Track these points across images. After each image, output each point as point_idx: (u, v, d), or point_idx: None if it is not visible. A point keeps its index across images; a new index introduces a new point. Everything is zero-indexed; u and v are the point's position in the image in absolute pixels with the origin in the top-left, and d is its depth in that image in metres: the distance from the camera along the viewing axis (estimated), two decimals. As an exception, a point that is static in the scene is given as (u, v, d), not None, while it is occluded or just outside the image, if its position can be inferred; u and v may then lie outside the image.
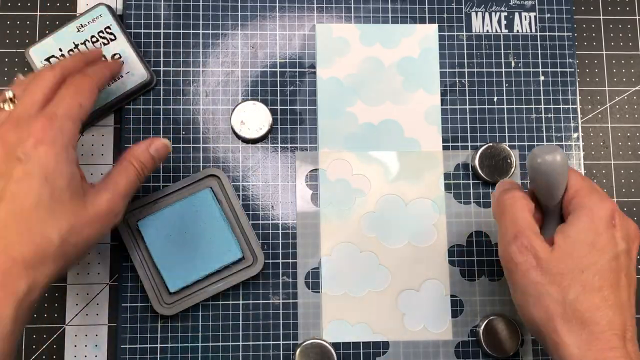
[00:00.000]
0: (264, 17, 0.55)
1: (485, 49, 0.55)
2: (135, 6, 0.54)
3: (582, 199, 0.40)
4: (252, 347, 0.50)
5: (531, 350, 0.51)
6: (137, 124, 0.53)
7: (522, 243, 0.40)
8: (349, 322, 0.51)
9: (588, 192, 0.40)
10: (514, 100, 0.55)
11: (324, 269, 0.52)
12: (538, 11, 0.56)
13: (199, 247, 0.49)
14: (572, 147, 0.55)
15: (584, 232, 0.39)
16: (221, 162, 0.53)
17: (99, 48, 0.49)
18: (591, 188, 0.41)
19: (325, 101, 0.54)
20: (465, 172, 0.54)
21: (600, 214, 0.39)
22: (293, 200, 0.53)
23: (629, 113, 0.56)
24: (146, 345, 0.50)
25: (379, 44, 0.55)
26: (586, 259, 0.38)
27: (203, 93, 0.53)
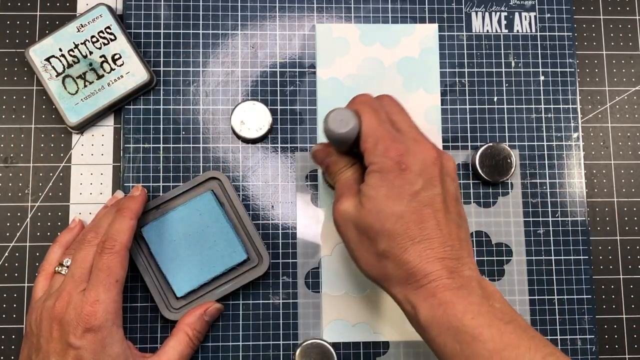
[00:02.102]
0: (264, 17, 0.55)
1: (485, 49, 0.55)
2: (135, 6, 0.54)
3: (369, 155, 0.41)
4: (252, 347, 0.50)
5: (531, 350, 0.51)
6: (137, 124, 0.53)
7: (339, 207, 0.43)
8: (349, 322, 0.51)
9: (372, 145, 0.41)
10: (514, 100, 0.55)
11: (324, 269, 0.52)
12: (538, 11, 0.56)
13: (204, 250, 0.49)
14: (572, 147, 0.55)
15: (377, 188, 0.40)
16: (221, 162, 0.53)
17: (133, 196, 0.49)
18: (375, 138, 0.41)
19: (325, 101, 0.54)
20: (465, 172, 0.54)
21: (386, 165, 0.40)
22: (293, 200, 0.53)
23: (629, 113, 0.56)
24: (146, 345, 0.50)
25: (379, 44, 0.55)
26: (385, 211, 0.40)
27: (203, 93, 0.53)
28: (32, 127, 0.53)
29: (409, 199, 0.40)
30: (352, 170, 0.44)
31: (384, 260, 0.40)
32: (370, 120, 0.42)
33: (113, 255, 0.44)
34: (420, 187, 0.40)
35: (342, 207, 0.42)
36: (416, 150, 0.41)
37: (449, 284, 0.39)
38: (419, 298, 0.39)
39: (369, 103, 0.43)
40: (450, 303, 0.38)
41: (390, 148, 0.41)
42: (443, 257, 0.39)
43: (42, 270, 0.48)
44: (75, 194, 0.52)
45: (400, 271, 0.40)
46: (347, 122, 0.42)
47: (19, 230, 0.51)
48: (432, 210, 0.40)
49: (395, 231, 0.40)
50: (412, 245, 0.39)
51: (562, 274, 0.53)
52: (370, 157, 0.41)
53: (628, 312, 0.53)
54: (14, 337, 0.50)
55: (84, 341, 0.42)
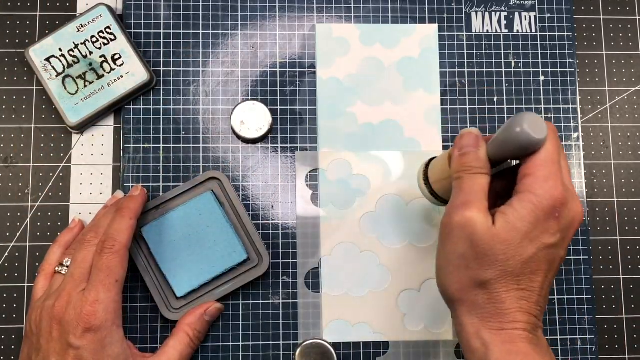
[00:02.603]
0: (264, 17, 0.55)
1: (485, 49, 0.55)
2: (135, 6, 0.54)
3: (533, 182, 0.39)
4: (252, 347, 0.50)
5: (531, 350, 0.51)
6: (137, 124, 0.53)
7: (466, 213, 0.39)
8: (349, 322, 0.51)
9: (544, 177, 0.39)
10: (514, 100, 0.55)
11: (324, 269, 0.52)
12: (538, 11, 0.56)
13: (204, 250, 0.49)
14: (572, 147, 0.55)
15: (522, 221, 0.38)
16: (221, 162, 0.53)
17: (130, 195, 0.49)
18: (549, 171, 0.39)
19: (325, 101, 0.54)
20: (465, 172, 0.54)
21: (545, 203, 0.38)
22: (293, 200, 0.53)
23: (629, 113, 0.56)
24: (146, 345, 0.50)
25: (379, 44, 0.55)
26: (516, 248, 0.38)
27: (203, 93, 0.53)
28: (32, 127, 0.53)
29: (542, 248, 0.38)
30: (486, 179, 0.40)
31: (479, 289, 0.39)
32: (554, 149, 0.39)
33: (113, 255, 0.44)
34: (556, 243, 0.39)
35: (470, 214, 0.39)
36: (572, 207, 0.39)
37: (528, 337, 0.38)
38: (495, 339, 0.38)
39: (556, 133, 0.40)
40: (528, 355, 0.38)
41: (557, 189, 0.38)
42: (532, 314, 0.39)
43: (42, 270, 0.48)
44: (75, 194, 0.52)
45: (490, 306, 0.39)
46: (542, 131, 0.38)
47: (19, 230, 0.51)
48: (548, 268, 0.39)
49: (513, 271, 0.38)
50: (516, 290, 0.39)
51: (562, 274, 0.53)
52: (532, 185, 0.39)
53: (628, 312, 0.53)
54: (14, 337, 0.50)
55: (84, 341, 0.42)
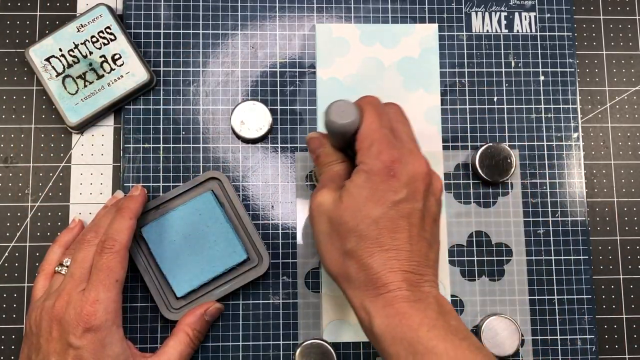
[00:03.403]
0: (264, 17, 0.55)
1: (485, 49, 0.55)
2: (135, 6, 0.54)
3: (362, 153, 0.41)
4: (252, 347, 0.50)
5: (531, 350, 0.51)
6: (137, 124, 0.53)
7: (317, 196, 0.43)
8: (349, 322, 0.51)
9: (368, 145, 0.41)
10: (514, 100, 0.55)
11: (323, 269, 0.52)
12: (538, 11, 0.56)
13: (204, 250, 0.49)
14: (572, 147, 0.55)
15: (360, 187, 0.40)
16: (221, 162, 0.53)
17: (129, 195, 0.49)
18: (372, 139, 0.41)
19: (325, 101, 0.54)
20: (465, 172, 0.54)
21: (375, 168, 0.40)
22: (293, 200, 0.53)
23: (629, 113, 0.56)
24: (146, 345, 0.50)
25: (379, 44, 0.55)
26: (362, 211, 0.40)
27: (203, 93, 0.53)
28: (32, 127, 0.53)
29: (389, 206, 0.40)
30: (341, 166, 0.44)
31: (349, 260, 0.40)
32: (371, 120, 0.42)
33: (113, 255, 0.44)
34: (403, 198, 0.40)
35: (321, 197, 0.42)
36: (409, 161, 0.41)
37: (407, 295, 0.39)
38: (375, 306, 0.39)
39: (374, 104, 0.43)
40: (406, 314, 0.38)
41: (384, 152, 0.41)
42: (406, 270, 0.39)
43: (42, 270, 0.48)
44: (75, 194, 0.52)
45: (361, 274, 0.40)
46: (348, 115, 0.41)
47: (19, 230, 0.51)
48: (407, 222, 0.40)
49: (367, 234, 0.40)
50: (379, 251, 0.39)
51: (562, 274, 0.53)
52: (362, 157, 0.41)
53: (628, 312, 0.53)
54: (14, 337, 0.50)
55: (84, 341, 0.42)
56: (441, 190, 0.43)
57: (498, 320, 0.51)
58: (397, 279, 0.39)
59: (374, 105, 0.43)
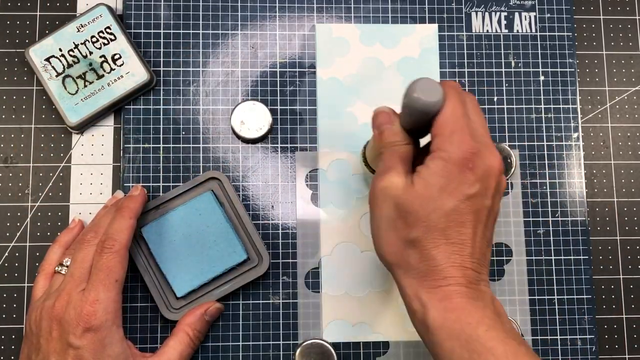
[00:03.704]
0: (264, 17, 0.55)
1: (485, 49, 0.55)
2: (135, 6, 0.54)
3: (441, 140, 0.40)
4: (252, 347, 0.50)
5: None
6: (137, 124, 0.53)
7: (385, 178, 0.40)
8: (349, 322, 0.51)
9: (449, 132, 0.39)
10: (514, 100, 0.55)
11: (324, 269, 0.52)
12: (538, 11, 0.56)
13: (204, 250, 0.49)
14: (572, 147, 0.55)
15: (436, 176, 0.39)
16: (221, 162, 0.53)
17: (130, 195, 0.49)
18: (454, 126, 0.39)
19: (325, 101, 0.54)
20: (465, 172, 0.54)
21: (455, 157, 0.39)
22: (293, 200, 0.53)
23: (629, 113, 0.56)
24: (146, 345, 0.50)
25: (379, 44, 0.55)
26: (435, 201, 0.39)
27: (203, 93, 0.53)
28: (32, 127, 0.53)
29: (461, 199, 0.39)
30: (407, 148, 0.42)
31: (411, 248, 0.39)
32: (455, 106, 0.40)
33: (113, 255, 0.44)
34: (476, 192, 0.39)
35: (390, 179, 0.40)
36: (486, 156, 0.40)
37: (466, 292, 0.38)
38: (432, 298, 0.38)
39: (458, 90, 0.41)
40: (465, 310, 0.37)
41: (465, 142, 0.39)
42: (467, 267, 0.39)
43: (42, 270, 0.48)
44: (75, 194, 0.52)
45: (422, 264, 0.39)
46: (434, 94, 0.39)
47: (19, 230, 0.51)
48: (475, 218, 0.39)
49: (437, 225, 0.38)
50: (445, 244, 0.39)
51: (562, 274, 0.53)
52: (441, 143, 0.39)
53: (628, 312, 0.53)
54: (14, 337, 0.50)
55: (84, 341, 0.42)
56: (504, 190, 0.42)
57: (498, 320, 0.51)
58: (457, 274, 0.38)
59: (458, 90, 0.41)
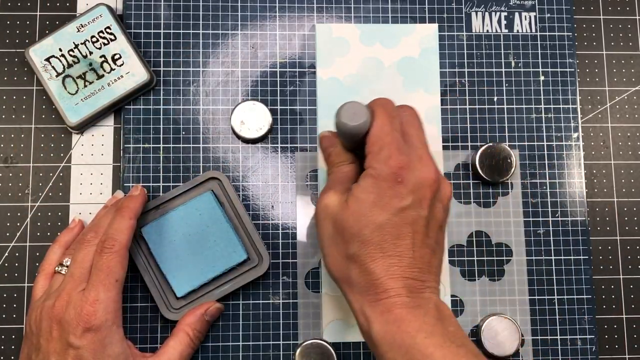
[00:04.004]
0: (264, 17, 0.55)
1: (485, 49, 0.55)
2: (135, 6, 0.54)
3: (371, 157, 0.41)
4: (252, 347, 0.50)
5: (531, 350, 0.51)
6: (137, 124, 0.53)
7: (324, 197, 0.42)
8: (349, 322, 0.51)
9: (378, 149, 0.41)
10: (514, 100, 0.55)
11: (324, 269, 0.52)
12: (538, 11, 0.56)
13: (204, 250, 0.49)
14: (572, 147, 0.55)
15: (367, 193, 0.40)
16: (221, 162, 0.53)
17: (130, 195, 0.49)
18: (382, 143, 0.41)
19: (325, 101, 0.54)
20: (465, 172, 0.54)
21: (383, 173, 0.40)
22: (293, 200, 0.53)
23: (629, 113, 0.56)
24: (146, 345, 0.50)
25: (379, 43, 0.55)
26: (367, 217, 0.40)
27: (203, 93, 0.53)
28: (32, 127, 0.53)
29: (394, 213, 0.40)
30: (350, 167, 0.44)
31: (351, 264, 0.40)
32: (382, 123, 0.42)
33: (113, 255, 0.44)
34: (408, 205, 0.40)
35: (327, 200, 0.42)
36: (417, 168, 0.41)
37: (406, 302, 0.39)
38: (375, 311, 0.39)
39: (386, 107, 0.43)
40: (405, 320, 0.38)
41: (393, 157, 0.40)
42: (407, 277, 0.39)
43: (42, 270, 0.48)
44: (75, 194, 0.52)
45: (362, 279, 0.40)
46: (359, 117, 0.41)
47: (19, 230, 0.51)
48: (411, 229, 0.40)
49: (371, 239, 0.39)
50: (382, 257, 0.39)
51: (562, 274, 0.53)
52: (370, 161, 0.41)
53: (628, 312, 0.53)
54: (14, 337, 0.50)
55: (84, 341, 0.42)
56: (449, 197, 0.43)
57: (498, 320, 0.51)
58: (397, 285, 0.39)
59: (386, 107, 0.43)
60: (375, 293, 0.39)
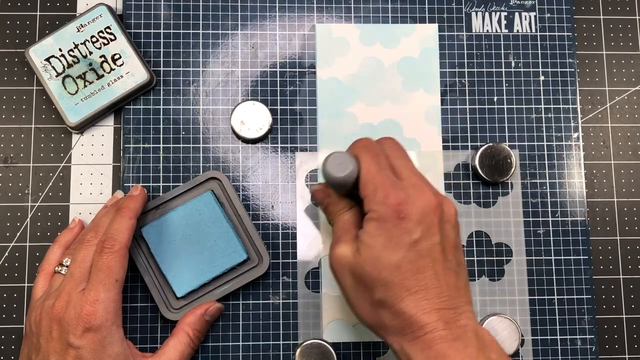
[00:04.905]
0: (264, 17, 0.55)
1: (485, 49, 0.55)
2: (135, 6, 0.54)
3: (368, 201, 0.41)
4: (252, 347, 0.50)
5: (531, 350, 0.51)
6: (137, 124, 0.53)
7: (336, 250, 0.42)
8: (349, 322, 0.51)
9: (372, 192, 0.40)
10: (514, 100, 0.55)
11: (324, 269, 0.52)
12: (538, 11, 0.56)
13: (204, 250, 0.49)
14: (572, 147, 0.55)
15: (374, 237, 0.40)
16: (221, 162, 0.53)
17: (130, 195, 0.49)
18: (374, 185, 0.41)
19: (325, 101, 0.54)
20: (465, 172, 0.54)
21: (384, 214, 0.40)
22: (293, 200, 0.53)
23: (629, 113, 0.56)
24: (146, 345, 0.50)
25: (379, 44, 0.55)
26: (382, 260, 0.39)
27: (203, 93, 0.53)
28: (32, 127, 0.53)
29: (407, 249, 0.39)
30: (350, 213, 0.44)
31: (380, 309, 0.40)
32: (369, 166, 0.41)
33: (113, 255, 0.44)
34: (419, 237, 0.39)
35: (339, 252, 0.41)
36: (415, 198, 0.40)
37: (445, 335, 0.38)
38: (415, 349, 0.39)
39: (368, 147, 0.43)
40: (446, 356, 0.38)
41: (389, 196, 0.40)
42: (439, 308, 0.39)
43: (42, 270, 0.48)
44: (75, 194, 0.52)
45: (396, 321, 0.39)
46: (345, 167, 0.41)
47: (19, 230, 0.52)
48: (430, 260, 0.39)
49: (392, 281, 0.39)
50: (408, 295, 0.39)
51: (562, 274, 0.53)
52: (369, 204, 0.41)
53: (628, 312, 0.53)
54: (14, 337, 0.50)
55: (84, 341, 0.42)
56: (455, 214, 0.42)
57: (498, 320, 0.51)
58: (432, 320, 0.38)
59: (368, 148, 0.43)
60: (412, 332, 0.39)
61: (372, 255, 0.39)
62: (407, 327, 0.39)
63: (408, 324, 0.39)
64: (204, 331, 0.49)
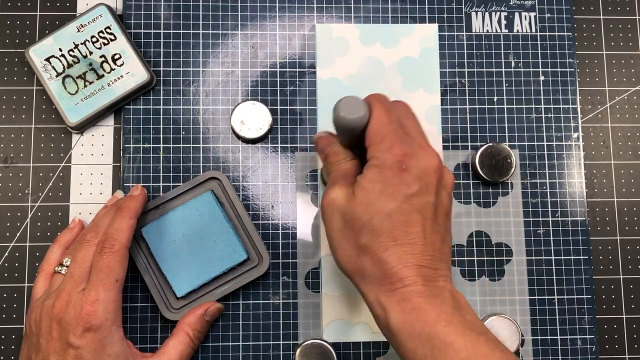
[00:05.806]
0: (264, 17, 0.55)
1: (485, 49, 0.55)
2: (135, 6, 0.54)
3: (373, 149, 0.41)
4: (252, 347, 0.50)
5: (531, 350, 0.51)
6: (137, 124, 0.53)
7: (329, 193, 0.42)
8: (349, 322, 0.51)
9: (379, 141, 0.41)
10: (514, 100, 0.55)
11: (324, 269, 0.52)
12: (538, 11, 0.56)
13: (204, 250, 0.49)
14: (572, 147, 0.55)
15: (373, 182, 0.40)
16: (221, 162, 0.53)
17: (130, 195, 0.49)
18: (382, 134, 0.41)
19: (325, 101, 0.54)
20: (465, 172, 0.54)
21: (387, 161, 0.40)
22: (293, 200, 0.53)
23: (629, 113, 0.56)
24: (146, 345, 0.50)
25: (379, 43, 0.55)
26: (376, 206, 0.40)
27: (203, 93, 0.53)
28: (32, 127, 0.53)
29: (402, 200, 0.40)
30: (350, 163, 0.44)
31: (363, 255, 0.40)
32: (381, 115, 0.42)
33: (113, 255, 0.44)
34: (415, 191, 0.40)
35: (333, 194, 0.42)
36: (420, 155, 0.41)
37: (422, 290, 0.39)
38: (391, 301, 0.39)
39: (382, 100, 0.43)
40: (423, 309, 0.38)
41: (395, 146, 0.40)
42: (421, 265, 0.39)
43: (42, 270, 0.48)
44: (75, 194, 0.52)
45: (376, 269, 0.40)
46: (357, 110, 0.41)
47: (19, 230, 0.52)
48: (421, 216, 0.40)
49: (381, 228, 0.39)
50: (394, 246, 0.39)
51: (562, 274, 0.53)
52: (373, 152, 0.41)
53: (628, 312, 0.53)
54: (14, 337, 0.50)
55: (84, 340, 0.42)
56: (452, 184, 0.43)
57: (498, 320, 0.51)
58: (412, 274, 0.39)
59: (382, 101, 0.43)
60: (391, 282, 0.39)
61: (367, 200, 0.40)
62: (387, 278, 0.39)
63: (388, 275, 0.39)
64: (204, 331, 0.49)
